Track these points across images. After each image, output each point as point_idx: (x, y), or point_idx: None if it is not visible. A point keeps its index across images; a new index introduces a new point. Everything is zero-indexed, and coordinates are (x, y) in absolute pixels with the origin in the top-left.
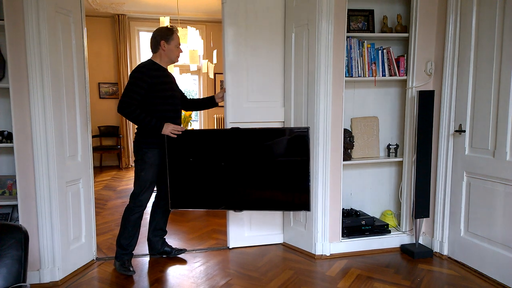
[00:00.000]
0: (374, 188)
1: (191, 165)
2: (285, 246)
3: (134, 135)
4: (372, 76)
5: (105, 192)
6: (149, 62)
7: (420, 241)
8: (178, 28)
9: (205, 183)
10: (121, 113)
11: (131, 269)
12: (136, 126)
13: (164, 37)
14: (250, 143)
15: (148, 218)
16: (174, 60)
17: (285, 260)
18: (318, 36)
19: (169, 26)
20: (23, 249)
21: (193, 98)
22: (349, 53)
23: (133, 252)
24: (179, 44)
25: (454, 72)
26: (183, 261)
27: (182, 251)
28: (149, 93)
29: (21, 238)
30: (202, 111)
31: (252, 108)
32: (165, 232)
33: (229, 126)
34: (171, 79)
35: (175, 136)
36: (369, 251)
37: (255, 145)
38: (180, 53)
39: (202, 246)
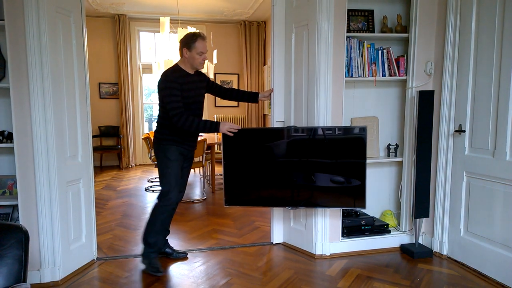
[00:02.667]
0: (373, 188)
1: (246, 162)
2: (285, 246)
3: (154, 133)
4: (372, 76)
5: (106, 192)
6: (175, 68)
7: (420, 241)
8: (178, 28)
9: (259, 181)
10: (179, 126)
11: (160, 269)
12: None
13: (186, 44)
14: (305, 141)
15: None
16: (197, 67)
17: (285, 259)
18: (318, 36)
19: (195, 32)
20: (24, 249)
21: (233, 88)
22: (349, 53)
23: (166, 249)
24: (203, 52)
25: (454, 72)
26: (183, 261)
27: (184, 254)
28: None
29: (21, 238)
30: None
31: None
32: (168, 232)
33: (275, 124)
34: (195, 85)
35: (232, 134)
36: (369, 251)
37: (310, 143)
38: (204, 60)
39: (202, 246)
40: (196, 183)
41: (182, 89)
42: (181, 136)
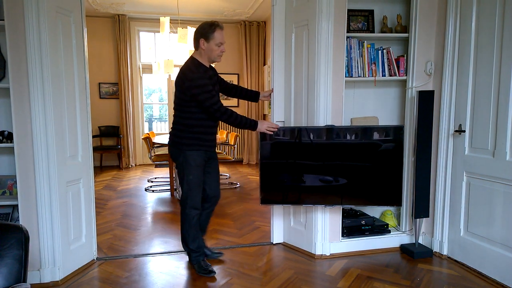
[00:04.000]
0: None
1: (281, 162)
2: (285, 246)
3: (171, 135)
4: (372, 76)
5: (106, 192)
6: (195, 62)
7: (420, 241)
8: (178, 28)
9: (294, 180)
10: (223, 121)
11: (210, 269)
12: (171, 127)
13: (204, 35)
14: (342, 141)
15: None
16: (214, 59)
17: (285, 259)
18: (318, 36)
19: (213, 22)
20: (24, 249)
21: (235, 85)
22: (349, 53)
23: (204, 249)
24: (221, 43)
25: (454, 72)
26: (183, 261)
27: (220, 254)
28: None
29: (21, 238)
30: None
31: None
32: (204, 233)
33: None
34: (214, 80)
35: (271, 133)
36: (369, 251)
37: (348, 142)
38: (222, 52)
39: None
40: None
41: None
42: (203, 137)
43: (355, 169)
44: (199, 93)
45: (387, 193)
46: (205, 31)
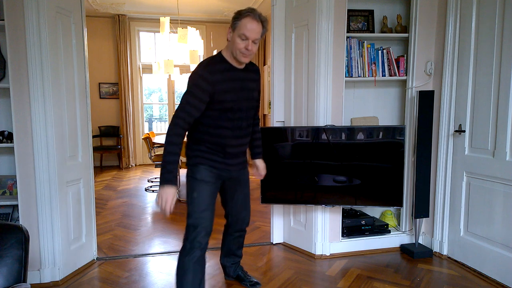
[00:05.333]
0: None
1: (282, 161)
2: (285, 246)
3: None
4: (372, 76)
5: (106, 192)
6: (214, 58)
7: (420, 241)
8: (178, 28)
9: (295, 179)
10: (166, 138)
11: None
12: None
13: (232, 22)
14: (342, 141)
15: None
16: (236, 55)
17: (285, 260)
18: (318, 36)
19: (248, 8)
20: (24, 249)
21: (256, 129)
22: (349, 53)
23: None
24: (247, 36)
25: (454, 72)
26: None
27: (258, 285)
28: (208, 104)
29: (21, 238)
30: None
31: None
32: (238, 258)
33: (275, 124)
34: (240, 84)
35: (161, 208)
36: (369, 251)
37: (348, 143)
38: (248, 50)
39: None
40: None
41: (215, 91)
42: (215, 148)
43: (354, 169)
44: (185, 93)
45: (388, 193)
46: (233, 18)
